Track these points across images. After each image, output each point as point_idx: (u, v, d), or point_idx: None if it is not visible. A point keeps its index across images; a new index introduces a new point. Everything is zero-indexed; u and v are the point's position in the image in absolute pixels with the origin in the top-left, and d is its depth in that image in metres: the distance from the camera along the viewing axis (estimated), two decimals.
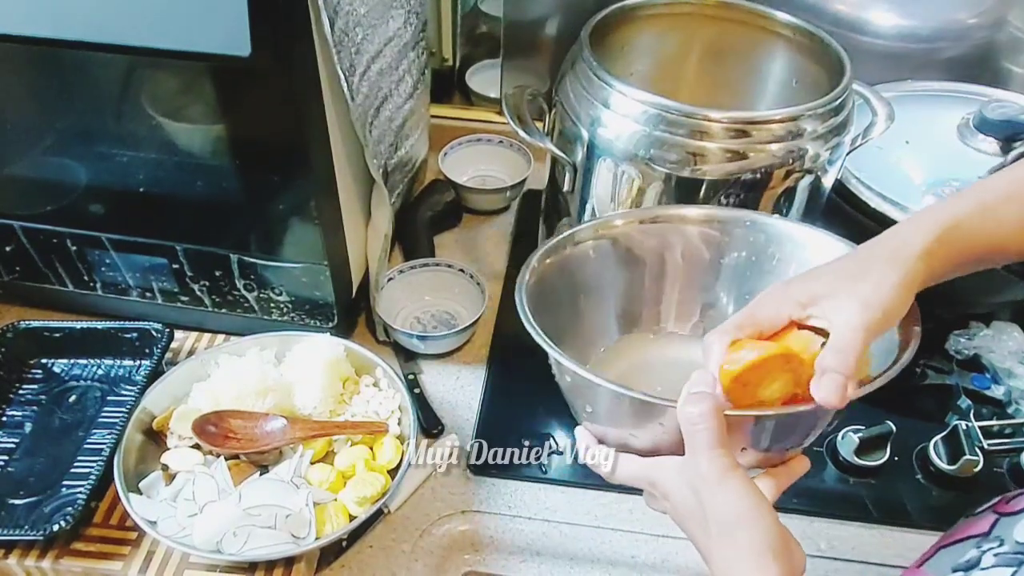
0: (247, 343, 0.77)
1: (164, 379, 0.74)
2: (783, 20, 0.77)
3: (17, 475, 0.71)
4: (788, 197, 0.69)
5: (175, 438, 0.71)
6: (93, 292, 0.84)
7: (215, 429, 0.70)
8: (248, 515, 0.63)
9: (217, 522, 0.63)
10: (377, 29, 0.73)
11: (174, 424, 0.71)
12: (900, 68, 0.97)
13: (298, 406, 0.73)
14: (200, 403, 0.72)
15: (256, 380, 0.73)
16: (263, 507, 0.64)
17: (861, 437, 0.74)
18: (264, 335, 0.78)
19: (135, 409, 0.71)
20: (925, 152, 0.84)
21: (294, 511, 0.64)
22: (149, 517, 0.64)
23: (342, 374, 0.76)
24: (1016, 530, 0.39)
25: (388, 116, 0.79)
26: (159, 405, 0.73)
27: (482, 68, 1.20)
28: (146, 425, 0.72)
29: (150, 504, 0.66)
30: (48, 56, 0.65)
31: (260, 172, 0.70)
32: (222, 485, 0.66)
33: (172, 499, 0.66)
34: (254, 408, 0.72)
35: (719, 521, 0.42)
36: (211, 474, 0.67)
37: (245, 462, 0.70)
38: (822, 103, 0.66)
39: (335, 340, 0.77)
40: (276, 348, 0.77)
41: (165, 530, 0.64)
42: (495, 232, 1.03)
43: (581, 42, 0.71)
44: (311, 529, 0.64)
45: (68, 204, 0.77)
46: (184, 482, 0.67)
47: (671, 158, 0.65)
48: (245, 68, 0.59)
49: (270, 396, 0.72)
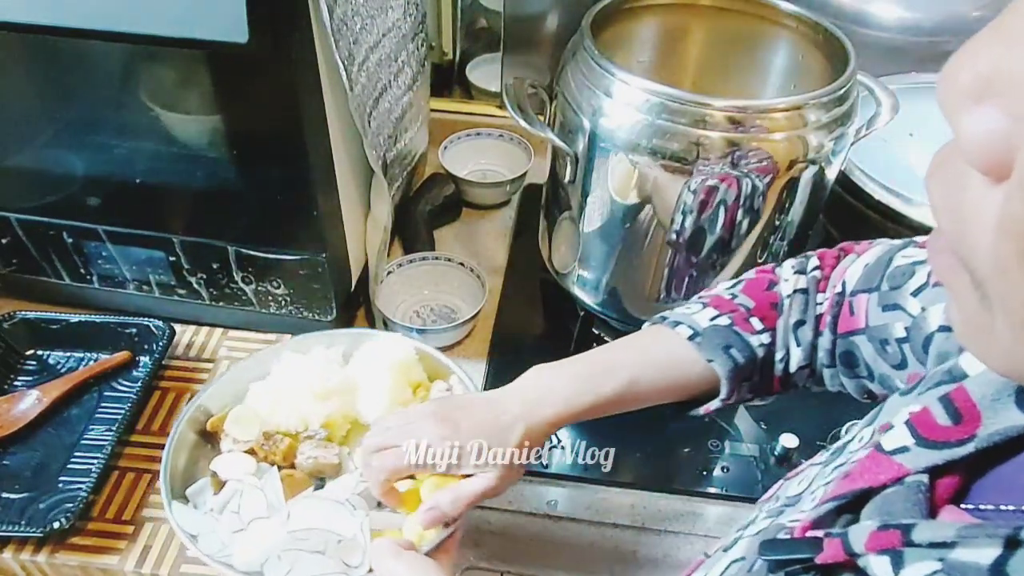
0: (313, 339, 0.71)
1: (222, 377, 0.69)
2: (786, 10, 0.76)
3: (12, 469, 0.70)
4: (791, 188, 0.69)
5: (229, 441, 0.65)
6: (90, 285, 0.84)
7: None
8: (296, 538, 0.57)
9: (262, 543, 0.57)
10: (376, 19, 0.72)
11: (229, 426, 0.66)
12: (903, 61, 0.97)
13: (362, 413, 0.68)
14: (258, 404, 0.67)
15: (319, 381, 0.67)
16: (313, 530, 0.58)
17: None
18: (334, 331, 0.72)
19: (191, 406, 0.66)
20: (929, 144, 0.84)
21: (347, 536, 0.58)
22: (191, 530, 0.59)
23: (412, 379, 0.69)
24: (788, 489, 0.43)
25: (387, 107, 0.79)
26: (216, 403, 0.68)
27: (482, 62, 1.19)
28: (201, 424, 0.66)
29: (194, 515, 0.60)
30: (44, 44, 0.65)
31: (258, 163, 0.69)
32: (272, 500, 0.61)
33: (219, 511, 0.61)
34: (315, 413, 0.66)
35: None
36: (261, 487, 0.61)
37: (300, 474, 0.64)
38: (826, 92, 0.65)
39: (407, 341, 0.71)
40: (344, 346, 0.71)
41: (206, 546, 0.58)
42: (495, 226, 1.03)
43: (582, 31, 0.71)
44: (364, 558, 0.57)
45: (65, 196, 0.76)
46: (233, 493, 0.61)
47: (673, 147, 0.65)
48: (243, 55, 0.58)
49: (333, 400, 0.67)
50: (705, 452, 0.76)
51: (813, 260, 0.56)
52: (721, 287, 0.59)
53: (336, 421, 0.67)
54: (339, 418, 0.67)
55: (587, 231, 0.77)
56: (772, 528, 0.38)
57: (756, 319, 0.54)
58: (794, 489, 0.42)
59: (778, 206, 0.70)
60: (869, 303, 0.50)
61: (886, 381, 0.50)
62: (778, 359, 0.55)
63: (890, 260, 0.50)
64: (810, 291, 0.54)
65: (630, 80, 0.66)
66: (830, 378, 0.55)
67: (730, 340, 0.53)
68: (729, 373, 0.53)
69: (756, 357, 0.54)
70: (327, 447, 0.65)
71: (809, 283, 0.54)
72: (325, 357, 0.69)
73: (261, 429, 0.65)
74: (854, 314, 0.51)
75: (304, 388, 0.66)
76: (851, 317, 0.51)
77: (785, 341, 0.54)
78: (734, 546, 0.41)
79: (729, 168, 0.65)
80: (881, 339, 0.49)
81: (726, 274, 0.74)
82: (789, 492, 0.42)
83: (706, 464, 0.75)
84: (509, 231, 1.02)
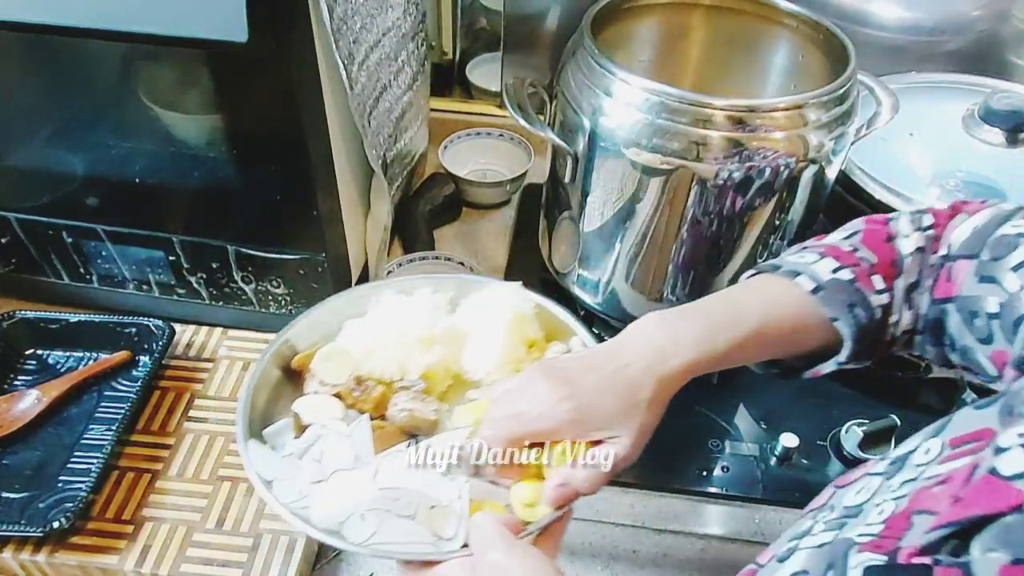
0: (419, 281, 0.64)
1: (313, 311, 0.62)
2: (787, 9, 0.76)
3: (12, 468, 0.70)
4: (791, 187, 0.69)
5: (315, 382, 0.58)
6: (89, 285, 0.84)
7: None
8: (385, 498, 0.50)
9: (345, 498, 0.50)
10: (376, 18, 0.72)
11: (317, 365, 0.59)
12: (903, 61, 0.97)
13: (467, 368, 0.60)
14: (351, 343, 0.60)
15: (424, 326, 0.59)
16: (405, 491, 0.50)
17: (865, 431, 0.74)
18: (441, 275, 0.66)
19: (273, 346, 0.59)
20: (930, 143, 0.84)
21: (441, 503, 0.50)
22: (266, 475, 0.52)
23: (527, 336, 0.61)
24: (846, 498, 0.41)
25: (387, 107, 0.79)
26: (304, 340, 0.61)
27: (482, 62, 1.19)
28: (286, 360, 0.60)
29: (270, 458, 0.54)
30: (43, 43, 0.65)
31: (258, 162, 0.69)
32: (360, 451, 0.53)
33: (299, 456, 0.54)
34: (415, 361, 0.59)
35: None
36: (348, 435, 0.54)
37: (391, 427, 0.57)
38: (826, 91, 0.65)
39: (525, 293, 0.63)
40: (452, 293, 0.64)
41: (282, 494, 0.51)
42: (495, 226, 1.03)
43: (582, 30, 0.71)
44: (459, 530, 0.49)
45: (64, 196, 0.76)
46: (315, 438, 0.54)
47: (673, 147, 0.65)
48: (242, 55, 0.58)
49: (436, 348, 0.59)
50: (705, 452, 0.76)
51: (927, 217, 0.52)
52: (834, 235, 0.54)
53: (437, 373, 0.60)
54: (440, 370, 0.60)
55: (587, 231, 0.77)
56: (840, 543, 0.36)
57: (878, 277, 0.50)
58: (852, 499, 0.40)
59: (778, 205, 0.70)
60: (967, 271, 0.47)
61: (968, 354, 0.48)
62: (891, 322, 0.50)
63: (997, 227, 0.47)
64: (926, 251, 0.50)
65: (630, 79, 0.65)
66: (918, 344, 0.52)
67: (854, 298, 0.49)
68: (854, 334, 0.49)
69: (875, 319, 0.49)
70: (424, 400, 0.58)
71: (926, 242, 0.50)
72: (431, 302, 0.62)
73: (352, 373, 0.58)
74: (951, 280, 0.48)
75: (405, 333, 0.59)
76: (947, 283, 0.48)
77: (900, 304, 0.50)
78: (791, 557, 0.39)
79: (729, 167, 0.65)
80: (971, 310, 0.46)
81: (727, 274, 0.74)
82: (846, 502, 0.40)
83: (706, 464, 0.75)
84: (509, 231, 1.02)
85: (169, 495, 0.68)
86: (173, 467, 0.70)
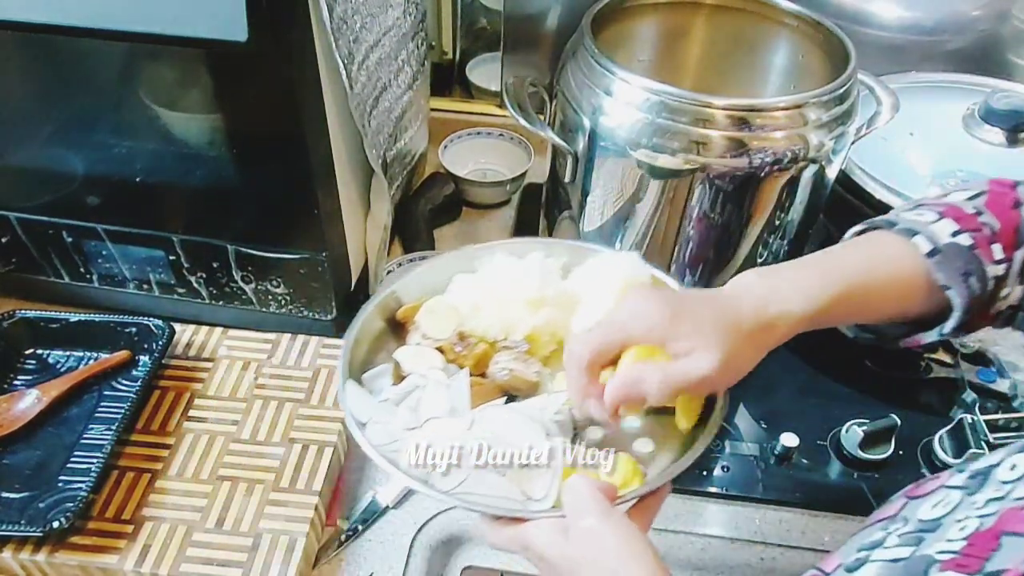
0: (531, 244, 0.63)
1: (422, 265, 0.63)
2: (787, 8, 0.76)
3: (12, 468, 0.70)
4: (791, 187, 0.69)
5: (418, 335, 0.58)
6: (90, 284, 0.84)
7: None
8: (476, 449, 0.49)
9: (436, 446, 0.50)
10: (376, 18, 0.72)
11: (422, 318, 0.58)
12: (903, 60, 0.97)
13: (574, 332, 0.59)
14: (459, 298, 0.60)
15: (534, 288, 0.58)
16: (498, 444, 0.49)
17: (865, 431, 0.74)
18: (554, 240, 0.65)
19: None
20: (930, 143, 0.84)
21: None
22: (361, 417, 0.53)
23: None
24: (921, 511, 0.39)
25: (387, 106, 0.79)
26: (410, 293, 0.61)
27: (482, 61, 1.19)
28: (391, 312, 0.60)
29: (367, 400, 0.54)
30: (43, 43, 0.65)
31: (258, 162, 0.69)
32: (456, 403, 0.53)
33: (395, 403, 0.54)
34: (521, 322, 0.58)
35: (604, 567, 0.41)
36: (447, 384, 0.54)
37: (490, 385, 0.56)
38: (826, 91, 0.65)
39: (642, 263, 0.61)
40: (565, 259, 0.63)
41: (374, 436, 0.51)
42: (495, 225, 1.03)
43: (583, 30, 0.71)
44: (551, 491, 0.48)
45: (64, 195, 0.76)
46: (413, 388, 0.55)
47: (673, 146, 0.65)
48: (242, 54, 0.58)
49: (544, 311, 0.58)
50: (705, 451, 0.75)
51: None
52: (956, 195, 0.50)
53: (542, 336, 0.59)
54: (546, 334, 0.59)
55: (587, 230, 0.77)
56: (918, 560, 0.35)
57: (998, 245, 0.46)
58: (928, 512, 0.39)
59: (778, 205, 0.70)
60: None
61: None
62: (1002, 295, 0.47)
63: None
64: None
65: (630, 79, 0.65)
66: (1020, 320, 0.50)
67: (970, 266, 0.46)
68: (965, 305, 0.46)
69: (987, 290, 0.46)
70: (527, 361, 0.57)
71: None
72: (543, 265, 0.61)
73: (457, 328, 0.58)
74: None
75: (514, 293, 0.58)
76: None
77: (1015, 277, 0.47)
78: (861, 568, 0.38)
79: (729, 167, 0.65)
80: None
81: (727, 273, 0.74)
82: (922, 515, 0.39)
83: (706, 463, 0.75)
84: (509, 230, 1.02)
85: (169, 495, 0.68)
86: (173, 467, 0.70)
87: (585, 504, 0.43)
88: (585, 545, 0.42)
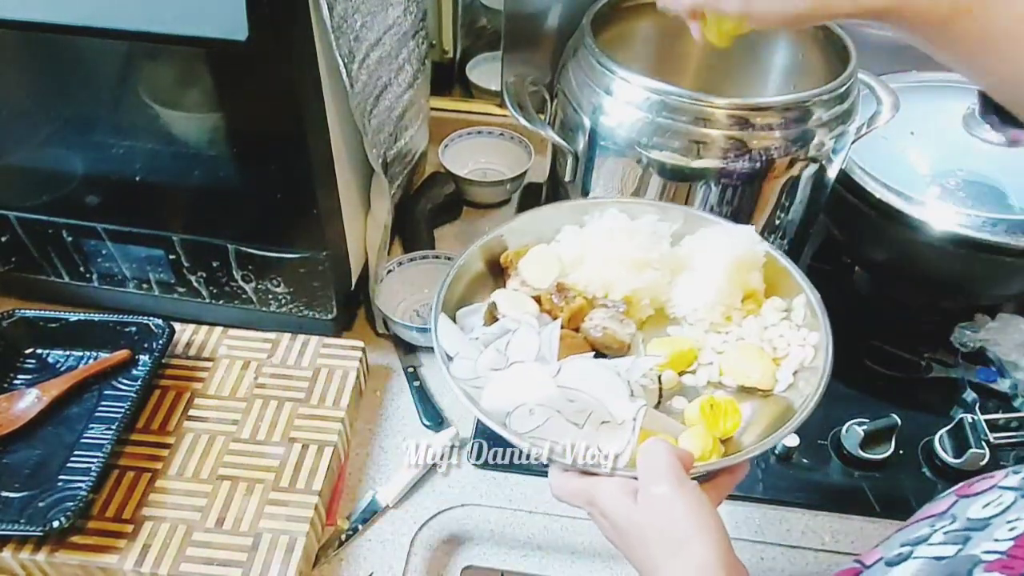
0: (645, 206, 0.62)
1: (532, 213, 0.63)
2: None
3: (12, 467, 0.70)
4: (792, 186, 0.69)
5: (517, 281, 0.58)
6: (89, 284, 0.84)
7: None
8: (560, 397, 0.49)
9: (518, 388, 0.49)
10: (376, 16, 0.72)
11: (524, 265, 0.58)
12: (903, 60, 0.96)
13: (675, 301, 0.59)
14: (564, 249, 0.59)
15: (642, 248, 0.57)
16: (580, 396, 0.48)
17: (866, 430, 0.74)
18: (669, 204, 0.64)
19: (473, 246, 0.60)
20: (930, 142, 0.83)
21: (615, 419, 0.48)
22: (449, 350, 0.53)
23: (747, 285, 0.59)
24: (971, 510, 0.39)
25: (387, 105, 0.79)
26: (517, 239, 0.61)
27: (482, 61, 1.19)
28: (493, 255, 0.60)
29: (456, 336, 0.54)
30: (43, 42, 0.65)
31: (258, 161, 0.69)
32: (544, 351, 0.53)
33: (484, 343, 0.54)
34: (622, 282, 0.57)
35: (671, 536, 0.41)
36: (539, 331, 0.54)
37: (581, 340, 0.55)
38: (827, 90, 0.65)
39: (757, 238, 0.59)
40: (679, 225, 0.61)
41: (458, 370, 0.52)
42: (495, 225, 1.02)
43: (583, 29, 0.71)
44: (626, 451, 0.47)
45: (64, 194, 0.76)
46: (504, 331, 0.54)
47: (673, 145, 0.65)
48: (242, 53, 0.58)
49: (648, 273, 0.57)
50: None
51: None
52: None
53: (641, 300, 0.58)
54: (646, 297, 0.58)
55: None
56: (963, 560, 0.35)
57: None
58: (978, 511, 0.38)
59: (779, 204, 0.70)
60: None
61: None
62: None
63: None
64: None
65: (631, 78, 0.65)
66: None
67: None
68: None
69: None
70: (623, 322, 0.56)
71: None
72: (654, 228, 0.60)
73: (557, 278, 0.58)
74: None
75: (620, 251, 0.57)
76: None
77: None
78: (903, 563, 0.38)
79: (730, 166, 0.65)
80: None
81: None
82: (971, 513, 0.39)
83: None
84: None
85: (169, 494, 0.68)
86: (173, 466, 0.70)
87: (661, 470, 0.42)
88: (654, 512, 0.42)
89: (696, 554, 0.40)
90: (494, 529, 0.71)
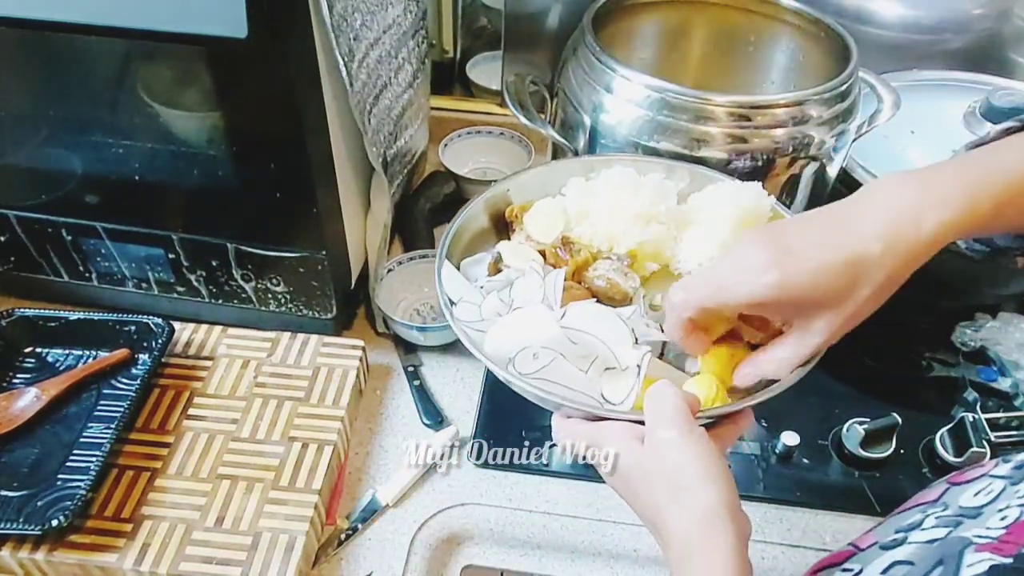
0: (654, 164, 0.62)
1: (537, 168, 0.63)
2: (788, 6, 0.76)
3: (11, 466, 0.70)
4: (792, 184, 0.69)
5: (522, 235, 0.58)
6: (89, 283, 0.83)
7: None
8: (564, 339, 0.48)
9: (522, 330, 0.48)
10: (376, 15, 0.72)
11: (529, 219, 0.58)
12: (904, 59, 0.97)
13: (679, 257, 0.58)
14: (571, 203, 0.59)
15: (648, 202, 0.57)
16: (584, 339, 0.47)
17: (866, 429, 0.73)
18: (675, 163, 0.63)
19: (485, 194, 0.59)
20: (931, 141, 0.83)
21: (619, 365, 0.47)
22: (452, 295, 0.54)
23: None
24: (962, 498, 0.39)
25: (387, 104, 0.79)
26: (522, 194, 0.61)
27: (483, 60, 1.19)
28: (498, 210, 0.60)
29: (459, 282, 0.55)
30: (41, 40, 0.64)
31: (257, 160, 0.69)
32: (548, 294, 0.52)
33: (488, 291, 0.54)
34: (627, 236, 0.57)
35: (678, 483, 0.40)
36: (542, 277, 0.53)
37: (583, 291, 0.55)
38: (827, 88, 0.65)
39: (764, 194, 0.59)
40: (685, 184, 0.62)
41: (462, 314, 0.52)
42: None
43: (583, 27, 0.71)
44: (630, 396, 0.46)
45: (63, 193, 0.76)
46: (508, 281, 0.55)
47: (674, 143, 0.65)
48: (242, 51, 0.58)
49: (653, 227, 0.57)
50: None
51: None
52: None
53: (646, 254, 0.58)
54: (650, 252, 0.58)
55: None
56: (954, 541, 0.35)
57: None
58: (970, 499, 0.38)
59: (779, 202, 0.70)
60: None
61: None
62: None
63: None
64: None
65: (631, 76, 0.65)
66: None
67: None
68: None
69: None
70: (627, 274, 0.56)
71: None
72: (660, 184, 0.60)
73: (562, 232, 0.58)
74: None
75: (626, 204, 0.57)
76: None
77: None
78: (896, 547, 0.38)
79: (730, 164, 0.65)
80: None
81: None
82: (963, 502, 0.39)
83: None
84: None
85: (168, 493, 0.68)
86: (172, 465, 0.70)
87: (669, 413, 0.41)
88: (661, 457, 0.41)
89: (702, 499, 0.39)
90: (494, 528, 0.71)
